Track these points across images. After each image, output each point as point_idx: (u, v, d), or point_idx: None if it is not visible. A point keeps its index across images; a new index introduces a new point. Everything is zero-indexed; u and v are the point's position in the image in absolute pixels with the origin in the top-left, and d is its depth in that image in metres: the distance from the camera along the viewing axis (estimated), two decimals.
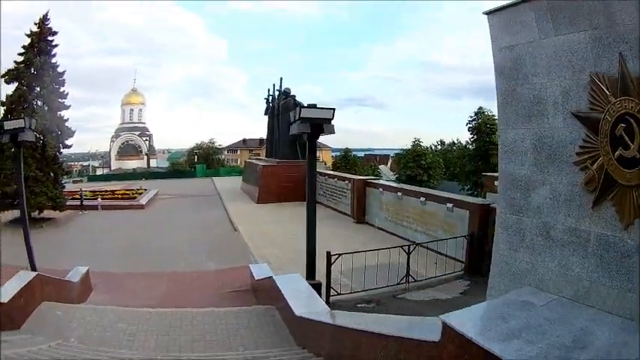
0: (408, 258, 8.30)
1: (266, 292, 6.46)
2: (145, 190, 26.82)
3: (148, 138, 70.05)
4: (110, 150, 68.58)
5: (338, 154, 39.12)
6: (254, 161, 29.79)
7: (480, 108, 19.37)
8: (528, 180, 3.47)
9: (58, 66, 18.83)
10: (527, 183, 3.49)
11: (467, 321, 2.54)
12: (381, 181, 16.67)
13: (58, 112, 18.83)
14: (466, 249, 9.26)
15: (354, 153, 34.01)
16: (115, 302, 7.34)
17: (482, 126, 18.38)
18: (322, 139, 25.21)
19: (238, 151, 79.18)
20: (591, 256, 2.92)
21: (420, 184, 18.34)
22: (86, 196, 23.58)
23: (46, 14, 18.50)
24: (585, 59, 2.94)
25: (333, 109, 6.94)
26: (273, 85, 27.96)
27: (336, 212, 18.23)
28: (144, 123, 70.99)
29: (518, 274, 3.49)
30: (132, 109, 69.53)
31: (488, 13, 3.67)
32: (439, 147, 27.11)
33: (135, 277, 9.64)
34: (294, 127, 7.06)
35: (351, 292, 7.81)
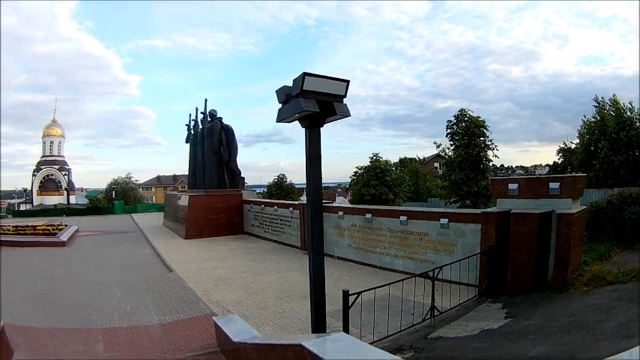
0: (433, 286, 6.40)
1: None
2: (66, 226, 23.69)
3: (67, 172, 65.37)
4: (32, 185, 63.15)
5: (260, 190, 36.44)
6: (176, 193, 26.79)
7: (462, 110, 18.16)
8: None
9: None
10: None
11: None
12: (339, 204, 14.80)
13: None
14: (482, 267, 7.73)
15: (289, 181, 31.60)
16: None
17: (471, 128, 17.25)
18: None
19: (153, 189, 78.99)
20: None
21: (386, 204, 16.72)
22: (8, 230, 20.35)
23: None
24: None
25: (348, 81, 4.96)
26: (196, 108, 25.93)
27: (280, 245, 16.01)
28: (63, 157, 66.39)
29: None
30: (52, 142, 64.96)
31: None
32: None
33: (61, 336, 6.47)
34: (291, 105, 4.78)
35: (373, 341, 5.51)
